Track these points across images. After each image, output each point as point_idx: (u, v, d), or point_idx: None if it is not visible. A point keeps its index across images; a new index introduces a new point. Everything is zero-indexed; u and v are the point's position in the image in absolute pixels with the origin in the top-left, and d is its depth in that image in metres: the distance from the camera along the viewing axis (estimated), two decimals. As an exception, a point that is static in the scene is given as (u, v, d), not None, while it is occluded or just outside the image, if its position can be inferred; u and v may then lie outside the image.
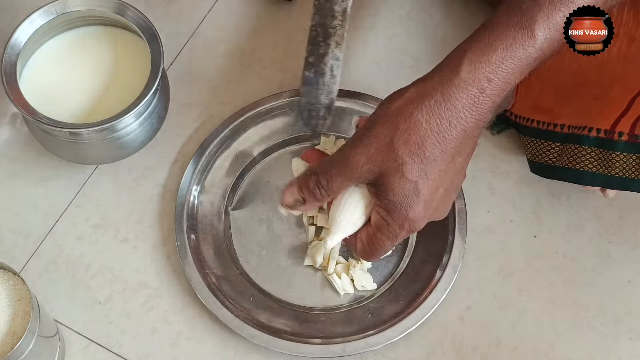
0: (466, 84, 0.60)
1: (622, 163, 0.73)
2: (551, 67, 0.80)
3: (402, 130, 0.61)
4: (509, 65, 0.61)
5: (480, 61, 0.60)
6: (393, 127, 0.61)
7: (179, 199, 0.80)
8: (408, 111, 0.61)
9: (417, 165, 0.61)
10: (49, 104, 0.78)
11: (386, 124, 0.61)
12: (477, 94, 0.61)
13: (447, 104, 0.60)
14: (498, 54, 0.60)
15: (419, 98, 0.61)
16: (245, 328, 0.75)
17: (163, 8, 0.90)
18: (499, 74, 0.61)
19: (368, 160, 0.62)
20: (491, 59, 0.60)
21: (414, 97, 0.61)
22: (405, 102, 0.61)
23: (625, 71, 0.76)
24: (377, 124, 0.62)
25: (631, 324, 0.77)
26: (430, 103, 0.61)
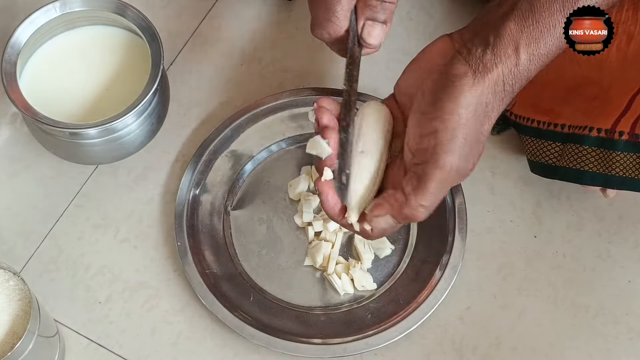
0: (527, 72, 0.60)
1: (622, 163, 0.73)
2: (551, 67, 0.80)
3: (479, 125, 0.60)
4: (554, 54, 0.61)
5: (534, 53, 0.60)
6: (473, 123, 0.60)
7: (179, 199, 0.80)
8: (482, 104, 0.60)
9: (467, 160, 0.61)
10: (49, 104, 0.78)
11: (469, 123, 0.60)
12: (525, 83, 0.61)
13: (506, 97, 0.61)
14: (549, 46, 0.61)
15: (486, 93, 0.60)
16: (245, 328, 0.75)
17: (163, 8, 0.90)
18: (545, 62, 0.61)
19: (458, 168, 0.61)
20: (542, 51, 0.60)
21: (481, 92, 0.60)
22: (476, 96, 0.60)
23: (624, 70, 0.76)
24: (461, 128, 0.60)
25: (631, 324, 0.77)
26: (496, 92, 0.60)
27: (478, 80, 0.60)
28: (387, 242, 0.80)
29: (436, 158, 0.60)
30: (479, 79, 0.60)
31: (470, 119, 0.60)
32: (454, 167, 0.60)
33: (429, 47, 0.64)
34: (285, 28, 0.90)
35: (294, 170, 0.83)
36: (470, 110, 0.60)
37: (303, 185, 0.81)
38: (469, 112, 0.60)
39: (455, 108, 0.59)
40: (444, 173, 0.60)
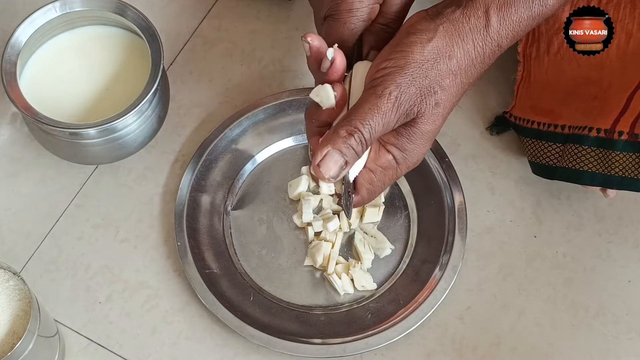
0: (498, 36, 0.62)
1: (621, 162, 0.73)
2: (550, 68, 0.80)
3: (437, 74, 0.61)
4: (526, 25, 0.62)
5: (505, 18, 0.61)
6: (429, 70, 0.61)
7: (179, 199, 0.80)
8: (445, 56, 0.61)
9: (447, 112, 0.62)
10: (49, 104, 0.78)
11: (423, 67, 0.61)
12: (497, 50, 0.62)
13: (477, 59, 0.62)
14: (520, 13, 0.62)
15: (451, 45, 0.61)
16: (245, 328, 0.75)
17: (163, 8, 0.90)
18: (518, 32, 0.62)
19: (406, 102, 0.61)
20: (513, 18, 0.62)
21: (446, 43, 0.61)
22: (436, 47, 0.61)
23: (623, 68, 0.76)
24: (410, 66, 0.61)
25: (631, 324, 0.77)
26: (466, 51, 0.61)
27: (441, 33, 0.61)
28: (387, 242, 0.80)
29: (375, 86, 0.61)
30: (442, 32, 0.61)
31: (427, 65, 0.61)
32: (392, 96, 0.60)
33: (407, 19, 0.65)
34: (285, 28, 0.90)
35: (293, 170, 0.83)
36: (427, 57, 0.61)
37: (303, 186, 0.81)
38: (424, 58, 0.60)
39: (410, 51, 0.61)
40: (380, 99, 0.60)
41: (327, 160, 0.61)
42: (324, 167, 0.61)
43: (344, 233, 0.80)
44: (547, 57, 0.80)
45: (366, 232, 0.80)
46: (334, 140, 0.60)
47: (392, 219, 0.81)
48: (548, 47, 0.80)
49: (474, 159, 0.84)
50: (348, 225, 0.80)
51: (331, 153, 0.61)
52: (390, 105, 0.60)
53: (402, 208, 0.81)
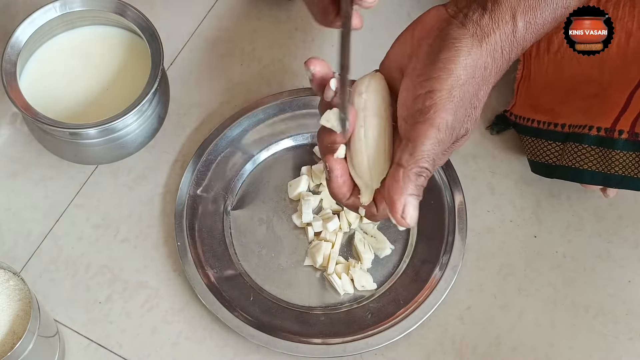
0: (523, 40, 0.60)
1: (621, 161, 0.73)
2: (550, 67, 0.80)
3: (476, 87, 0.59)
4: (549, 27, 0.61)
5: (531, 22, 0.60)
6: (471, 85, 0.59)
7: (179, 199, 0.80)
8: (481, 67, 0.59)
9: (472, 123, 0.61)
10: (49, 104, 0.78)
11: (467, 84, 0.59)
12: (520, 53, 0.61)
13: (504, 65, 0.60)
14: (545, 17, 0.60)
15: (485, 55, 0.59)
16: (245, 328, 0.75)
17: (163, 8, 0.90)
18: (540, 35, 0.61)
19: (459, 126, 0.59)
20: (538, 21, 0.60)
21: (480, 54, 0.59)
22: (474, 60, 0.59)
23: (624, 67, 0.76)
24: (458, 87, 0.59)
25: (631, 324, 0.77)
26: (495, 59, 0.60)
27: (476, 43, 0.59)
28: (387, 242, 0.80)
29: (432, 117, 0.58)
30: (477, 42, 0.59)
31: (468, 81, 0.59)
32: (449, 126, 0.58)
33: (421, 17, 0.63)
34: (285, 28, 0.90)
35: (293, 170, 0.83)
36: (469, 72, 0.58)
37: (303, 186, 0.81)
38: (467, 74, 0.58)
39: (454, 68, 0.58)
40: (441, 132, 0.58)
41: (409, 210, 0.58)
42: (409, 218, 0.58)
43: (344, 233, 0.80)
44: (547, 56, 0.80)
45: (366, 232, 0.80)
46: (407, 186, 0.58)
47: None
48: (548, 45, 0.80)
49: (474, 158, 0.84)
50: (348, 225, 0.80)
51: (409, 200, 0.58)
52: (448, 134, 0.58)
53: (402, 208, 0.81)
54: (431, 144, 0.58)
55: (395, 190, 0.58)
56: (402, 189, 0.58)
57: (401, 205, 0.58)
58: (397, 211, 0.58)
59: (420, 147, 0.58)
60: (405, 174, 0.58)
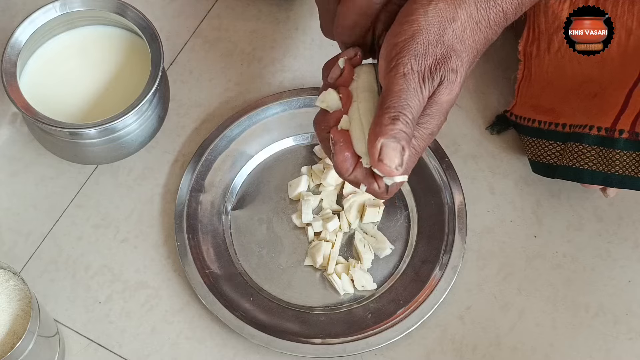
0: (502, 1, 0.61)
1: (622, 161, 0.73)
2: (550, 66, 0.80)
3: (447, 39, 0.60)
4: None
5: None
6: (438, 35, 0.60)
7: (178, 199, 0.80)
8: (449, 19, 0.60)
9: (462, 80, 0.61)
10: (49, 104, 0.78)
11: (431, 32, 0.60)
12: (502, 17, 0.62)
13: (481, 22, 0.61)
14: None
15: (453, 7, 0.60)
16: (245, 328, 0.75)
17: (163, 8, 0.90)
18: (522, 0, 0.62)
19: (428, 73, 0.59)
20: None
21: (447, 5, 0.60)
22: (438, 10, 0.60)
23: (623, 65, 0.76)
24: (419, 33, 0.60)
25: (631, 323, 0.77)
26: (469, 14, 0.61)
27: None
28: (387, 242, 0.80)
29: (396, 64, 0.59)
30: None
31: (432, 29, 0.59)
32: (414, 70, 0.59)
33: None
34: (285, 28, 0.90)
35: (293, 170, 0.83)
36: (431, 21, 0.59)
37: (303, 185, 0.81)
38: (429, 22, 0.59)
39: (414, 19, 0.60)
40: (407, 77, 0.59)
41: (386, 151, 0.58)
42: (387, 159, 0.57)
43: (344, 233, 0.80)
44: (547, 56, 0.80)
45: (366, 232, 0.80)
46: (381, 130, 0.58)
47: (392, 219, 0.81)
48: (548, 45, 0.80)
49: (474, 158, 0.84)
50: (348, 225, 0.80)
51: (386, 143, 0.58)
52: (416, 80, 0.59)
53: (402, 208, 0.81)
54: (399, 89, 0.59)
55: (370, 138, 0.59)
56: (377, 133, 0.58)
57: (377, 149, 0.58)
58: (374, 154, 0.58)
59: (390, 95, 0.59)
60: (377, 121, 0.59)
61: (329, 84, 0.64)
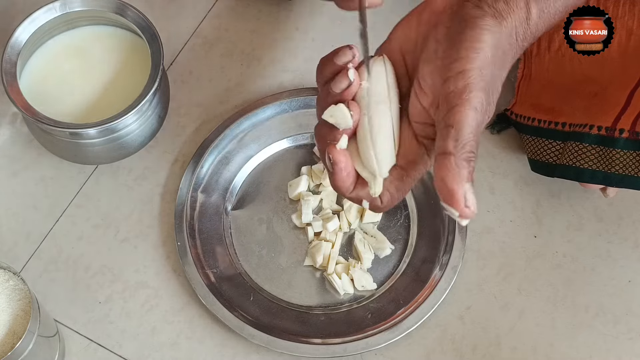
0: (536, 28, 0.59)
1: (622, 160, 0.74)
2: (551, 65, 0.80)
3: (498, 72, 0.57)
4: (560, 16, 0.60)
5: (544, 10, 0.59)
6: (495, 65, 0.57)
7: (178, 199, 0.80)
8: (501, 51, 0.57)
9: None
10: (49, 104, 0.78)
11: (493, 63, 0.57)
12: (532, 42, 0.60)
13: (517, 53, 0.59)
14: (558, 5, 0.59)
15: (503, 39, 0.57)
16: (245, 328, 0.75)
17: (163, 8, 0.90)
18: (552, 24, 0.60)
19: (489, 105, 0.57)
20: (551, 9, 0.59)
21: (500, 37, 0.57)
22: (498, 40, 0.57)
23: (624, 65, 0.76)
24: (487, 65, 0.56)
25: (631, 323, 0.77)
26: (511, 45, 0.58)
27: (496, 24, 0.56)
28: (387, 242, 0.80)
29: (469, 98, 0.55)
30: (495, 22, 0.56)
31: (494, 61, 0.56)
32: (484, 106, 0.56)
33: (430, 0, 0.60)
34: (285, 28, 0.90)
35: (293, 170, 0.83)
36: (494, 51, 0.56)
37: (303, 186, 0.81)
38: (492, 53, 0.56)
39: (481, 47, 0.55)
40: (478, 113, 0.55)
41: (470, 197, 0.54)
42: (473, 206, 0.54)
43: (344, 233, 0.80)
44: (547, 55, 0.80)
45: (366, 232, 0.80)
46: (463, 173, 0.54)
47: (392, 219, 0.81)
48: (549, 44, 0.80)
49: (474, 158, 0.83)
50: (348, 225, 0.80)
51: (468, 188, 0.54)
52: (484, 115, 0.56)
53: (402, 208, 0.81)
54: (473, 127, 0.55)
55: (453, 180, 0.55)
56: (459, 177, 0.54)
57: (462, 194, 0.54)
58: (460, 201, 0.54)
59: (463, 131, 0.55)
60: (457, 162, 0.55)
61: (336, 95, 0.59)
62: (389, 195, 0.60)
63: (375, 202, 0.60)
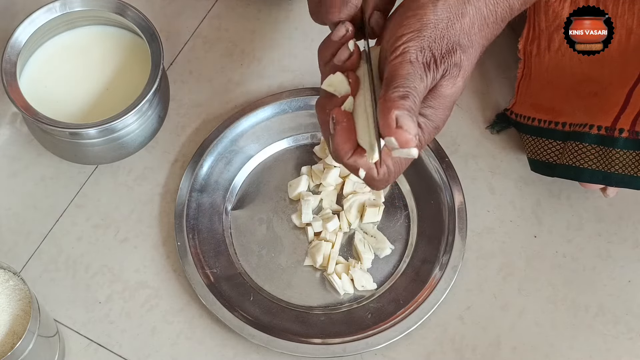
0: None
1: (622, 160, 0.74)
2: (551, 65, 0.80)
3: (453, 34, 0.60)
4: None
5: None
6: (445, 30, 0.60)
7: (178, 199, 0.80)
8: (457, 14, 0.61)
9: (467, 74, 0.61)
10: (49, 104, 0.78)
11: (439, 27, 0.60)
12: (508, 11, 0.62)
13: (489, 18, 0.61)
14: None
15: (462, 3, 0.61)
16: (245, 328, 0.75)
17: (163, 8, 0.90)
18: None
19: (432, 65, 0.60)
20: None
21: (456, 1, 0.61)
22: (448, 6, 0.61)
23: (624, 65, 0.76)
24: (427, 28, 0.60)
25: (631, 324, 0.77)
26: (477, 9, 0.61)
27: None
28: (387, 242, 0.80)
29: (402, 53, 0.59)
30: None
31: (441, 25, 0.60)
32: (420, 60, 0.59)
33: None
34: (285, 28, 0.90)
35: (293, 170, 0.83)
36: (440, 17, 0.60)
37: (303, 186, 0.81)
38: (438, 18, 0.60)
39: (423, 13, 0.60)
40: (413, 65, 0.58)
41: (403, 120, 0.56)
42: (406, 126, 0.55)
43: (344, 233, 0.80)
44: (547, 55, 0.80)
45: (366, 232, 0.80)
46: (394, 104, 0.56)
47: (392, 219, 0.81)
48: (549, 44, 0.80)
49: (474, 158, 0.84)
50: (348, 225, 0.80)
51: (401, 114, 0.56)
52: (421, 70, 0.59)
53: (402, 208, 0.81)
54: (407, 73, 0.58)
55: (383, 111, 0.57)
56: (389, 107, 0.56)
57: (392, 119, 0.56)
58: (391, 125, 0.56)
59: (396, 77, 0.58)
60: (387, 97, 0.57)
61: (337, 66, 0.62)
62: (385, 168, 0.61)
63: (371, 172, 0.61)
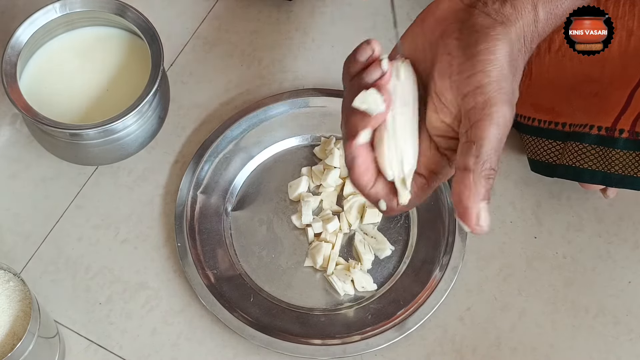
0: (544, 30, 0.58)
1: (622, 160, 0.74)
2: (551, 65, 0.80)
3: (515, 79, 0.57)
4: (564, 18, 0.60)
5: (551, 12, 0.58)
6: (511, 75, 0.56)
7: (179, 200, 0.80)
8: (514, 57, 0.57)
9: None
10: (49, 105, 0.78)
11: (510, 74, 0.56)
12: (538, 42, 0.60)
13: (527, 55, 0.58)
14: (564, 7, 0.59)
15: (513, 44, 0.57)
16: (246, 329, 0.75)
17: (163, 8, 0.90)
18: (557, 26, 0.60)
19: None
20: (558, 11, 0.59)
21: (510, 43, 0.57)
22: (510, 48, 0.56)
23: (624, 66, 0.76)
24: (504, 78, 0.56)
25: (631, 324, 0.77)
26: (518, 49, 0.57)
27: (505, 31, 0.56)
28: (387, 242, 0.80)
29: (489, 113, 0.54)
30: (505, 30, 0.56)
31: (510, 71, 0.56)
32: (507, 118, 0.55)
33: (430, 8, 0.60)
34: (285, 28, 0.90)
35: (294, 171, 0.83)
36: (509, 61, 0.56)
37: (303, 186, 0.81)
38: (508, 63, 0.56)
39: (496, 59, 0.55)
40: (500, 128, 0.55)
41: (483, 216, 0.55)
42: (486, 225, 0.55)
43: (344, 234, 0.80)
44: (548, 55, 0.80)
45: (366, 233, 0.80)
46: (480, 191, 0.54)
47: (392, 220, 0.81)
48: (549, 44, 0.80)
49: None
50: (348, 226, 0.80)
51: (482, 206, 0.54)
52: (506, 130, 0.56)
53: (402, 209, 0.81)
54: (494, 143, 0.55)
55: (469, 198, 0.55)
56: (475, 195, 0.55)
57: (476, 213, 0.55)
58: (473, 219, 0.54)
59: (484, 148, 0.55)
60: (475, 179, 0.55)
61: (365, 84, 0.58)
62: (414, 194, 0.59)
63: (391, 204, 0.59)
